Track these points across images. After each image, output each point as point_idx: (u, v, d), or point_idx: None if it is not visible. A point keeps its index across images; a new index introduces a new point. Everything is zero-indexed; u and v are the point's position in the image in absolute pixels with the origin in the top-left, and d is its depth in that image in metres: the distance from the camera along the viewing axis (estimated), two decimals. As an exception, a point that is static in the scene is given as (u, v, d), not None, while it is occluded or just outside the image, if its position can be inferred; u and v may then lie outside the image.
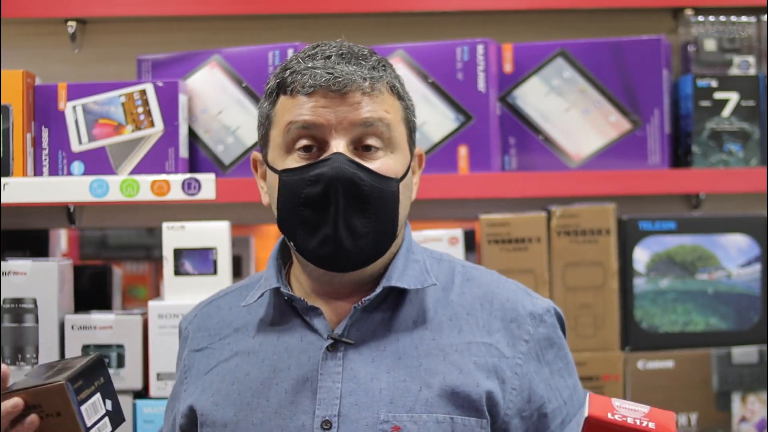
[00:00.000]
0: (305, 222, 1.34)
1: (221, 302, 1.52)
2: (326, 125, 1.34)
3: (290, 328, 1.42)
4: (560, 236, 1.90)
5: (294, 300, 1.41)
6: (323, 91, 1.34)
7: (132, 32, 2.12)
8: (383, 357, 1.37)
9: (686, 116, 2.00)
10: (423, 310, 1.42)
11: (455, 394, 1.35)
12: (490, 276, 1.50)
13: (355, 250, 1.34)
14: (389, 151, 1.37)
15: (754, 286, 1.94)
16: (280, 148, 1.38)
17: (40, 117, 1.89)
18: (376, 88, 1.36)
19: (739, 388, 1.92)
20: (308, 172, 1.33)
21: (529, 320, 1.43)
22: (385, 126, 1.36)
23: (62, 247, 2.42)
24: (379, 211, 1.34)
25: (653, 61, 1.95)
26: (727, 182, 1.96)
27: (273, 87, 1.40)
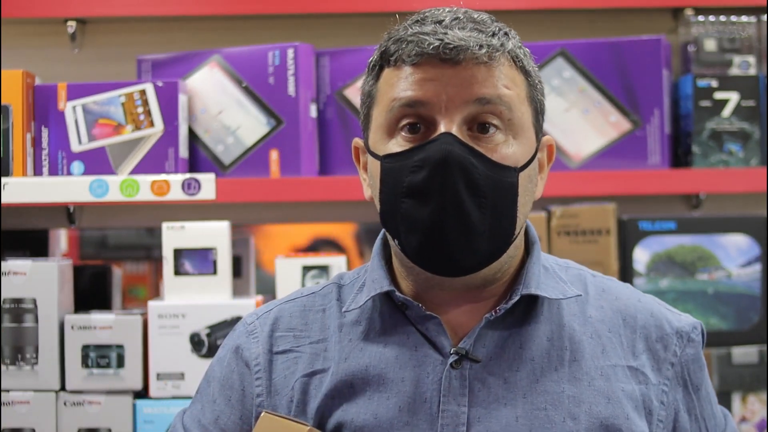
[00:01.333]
0: (408, 216, 1.14)
1: (309, 302, 1.31)
2: (435, 102, 1.13)
3: (400, 337, 1.21)
4: (560, 236, 1.90)
5: (409, 306, 1.20)
6: (432, 61, 1.13)
7: (132, 32, 2.12)
8: (517, 379, 1.18)
9: (686, 116, 2.00)
10: (559, 325, 1.21)
11: (604, 427, 1.17)
12: (628, 288, 1.31)
13: (466, 250, 1.14)
14: (510, 134, 1.16)
15: (754, 286, 1.94)
16: (382, 129, 1.18)
17: (39, 117, 1.89)
18: (494, 57, 1.14)
19: (739, 389, 1.92)
20: (412, 157, 1.14)
21: (676, 339, 1.24)
22: (506, 105, 1.15)
23: (62, 247, 2.42)
24: (495, 205, 1.14)
25: (653, 61, 1.95)
26: (727, 182, 1.96)
27: (376, 59, 1.20)
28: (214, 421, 1.27)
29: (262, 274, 2.55)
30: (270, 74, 1.94)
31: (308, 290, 1.33)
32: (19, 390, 1.80)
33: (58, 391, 1.81)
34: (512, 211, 1.16)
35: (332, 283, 1.32)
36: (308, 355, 1.24)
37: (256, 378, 1.25)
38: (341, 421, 1.19)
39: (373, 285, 1.23)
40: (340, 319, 1.26)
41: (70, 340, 1.80)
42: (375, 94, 1.20)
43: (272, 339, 1.27)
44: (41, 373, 1.79)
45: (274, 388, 1.24)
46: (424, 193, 1.13)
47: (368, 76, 1.22)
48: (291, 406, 1.22)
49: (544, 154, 1.25)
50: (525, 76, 1.20)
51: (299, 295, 1.33)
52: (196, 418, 1.29)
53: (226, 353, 1.30)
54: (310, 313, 1.29)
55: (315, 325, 1.27)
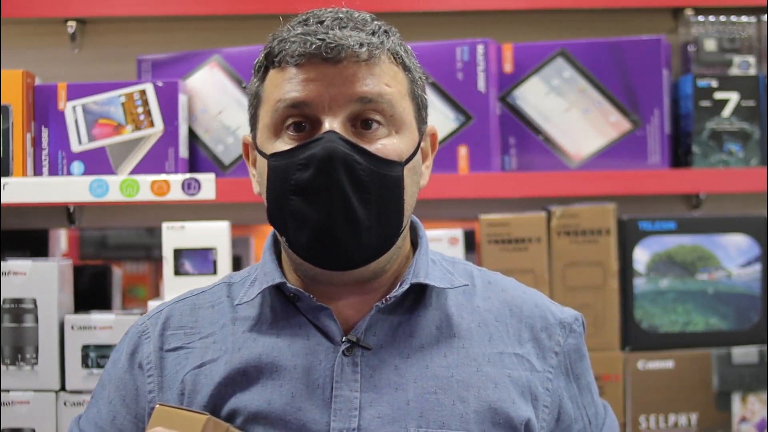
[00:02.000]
0: (296, 213, 1.17)
1: (198, 300, 1.34)
2: (318, 102, 1.17)
3: (293, 327, 1.25)
4: (560, 236, 1.90)
5: (300, 298, 1.24)
6: (315, 61, 1.17)
7: (132, 32, 2.12)
8: (408, 365, 1.22)
9: (686, 116, 2.00)
10: (447, 314, 1.26)
11: (493, 410, 1.21)
12: (513, 281, 1.36)
13: (355, 245, 1.17)
14: (392, 129, 1.20)
15: (754, 286, 1.94)
16: (268, 129, 1.22)
17: (39, 117, 1.89)
18: (374, 55, 1.18)
19: (740, 389, 1.91)
20: (298, 155, 1.17)
21: (560, 329, 1.30)
22: (387, 102, 1.19)
23: (62, 247, 2.42)
24: (380, 199, 1.17)
25: (653, 61, 1.95)
26: (727, 182, 1.96)
27: (261, 60, 1.24)
28: (110, 422, 1.30)
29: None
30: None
31: (198, 290, 1.36)
32: (19, 390, 1.80)
33: (58, 391, 1.80)
34: (398, 205, 1.19)
35: (222, 283, 1.36)
36: (199, 349, 1.27)
37: (149, 376, 1.28)
38: (235, 408, 1.21)
39: (265, 278, 1.26)
40: (232, 314, 1.29)
41: (70, 340, 1.80)
42: (261, 94, 1.23)
43: (163, 338, 1.30)
44: (41, 373, 1.79)
45: (165, 384, 1.27)
46: (311, 191, 1.16)
47: (254, 77, 1.25)
48: (182, 399, 1.25)
49: (427, 143, 1.29)
50: (406, 73, 1.23)
51: (189, 294, 1.36)
52: (92, 420, 1.32)
53: (120, 356, 1.33)
54: (200, 310, 1.31)
55: (205, 321, 1.30)
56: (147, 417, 1.27)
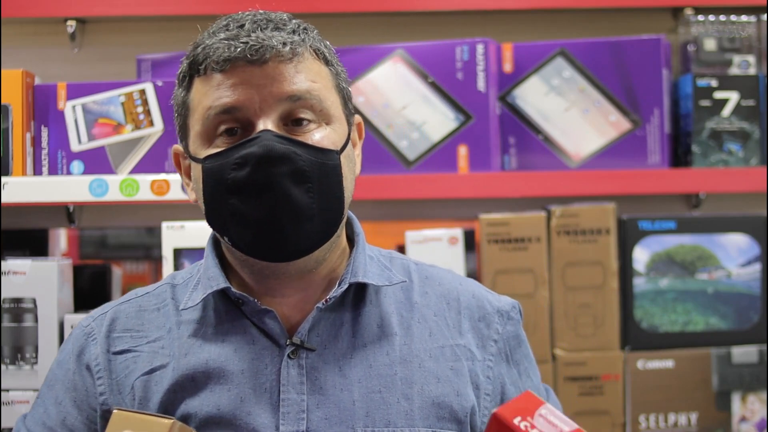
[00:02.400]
0: (236, 212, 1.18)
1: (144, 302, 1.33)
2: (249, 105, 1.18)
3: (237, 331, 1.25)
4: (560, 236, 1.90)
5: (245, 302, 1.24)
6: (240, 64, 1.18)
7: (131, 32, 2.12)
8: (352, 365, 1.23)
9: (686, 116, 2.00)
10: (386, 312, 1.28)
11: (436, 405, 1.24)
12: (449, 273, 1.38)
13: (300, 234, 1.18)
14: (323, 122, 1.22)
15: (754, 286, 1.94)
16: (200, 137, 1.22)
17: (39, 116, 1.89)
18: (298, 53, 1.20)
19: (739, 388, 1.92)
20: (233, 155, 1.17)
21: (497, 318, 1.32)
22: (315, 98, 1.20)
23: (62, 246, 2.42)
24: (322, 187, 1.19)
25: (653, 61, 1.95)
26: (727, 182, 1.96)
27: (185, 69, 1.24)
28: (61, 423, 1.29)
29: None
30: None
31: (142, 291, 1.36)
32: (18, 389, 1.79)
33: (57, 390, 1.80)
34: (339, 191, 1.21)
35: (165, 283, 1.35)
36: (147, 354, 1.27)
37: (98, 378, 1.27)
38: (185, 413, 1.22)
39: (209, 283, 1.26)
40: (177, 317, 1.28)
41: (70, 339, 1.80)
42: (189, 103, 1.24)
43: (109, 340, 1.29)
44: (41, 373, 1.79)
45: (116, 387, 1.27)
46: (251, 189, 1.16)
47: (179, 87, 1.26)
48: (134, 404, 1.25)
49: (355, 132, 1.31)
50: (329, 67, 1.25)
51: (134, 296, 1.35)
52: (40, 420, 1.30)
53: (66, 356, 1.32)
54: (146, 313, 1.31)
55: (151, 325, 1.30)
56: (99, 419, 1.27)
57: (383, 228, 1.93)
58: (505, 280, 1.87)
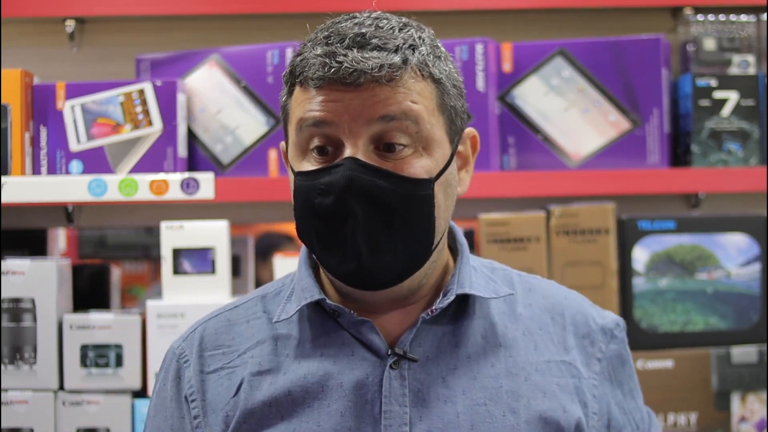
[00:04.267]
0: (322, 236, 1.16)
1: (233, 316, 1.30)
2: (338, 122, 1.14)
3: (335, 343, 1.21)
4: (559, 236, 1.89)
5: (341, 313, 1.20)
6: (334, 84, 1.14)
7: (130, 31, 2.11)
8: (456, 377, 1.19)
9: (685, 115, 1.99)
10: (491, 323, 1.24)
11: (543, 420, 1.19)
12: (553, 286, 1.34)
13: (381, 267, 1.15)
14: (419, 147, 1.16)
15: (754, 286, 1.94)
16: (296, 146, 1.19)
17: (38, 116, 1.89)
18: (395, 77, 1.13)
19: (739, 388, 1.91)
20: (318, 179, 1.15)
21: (601, 336, 1.28)
22: (412, 119, 1.14)
23: (61, 246, 2.41)
24: (407, 220, 1.15)
25: (653, 61, 1.95)
26: (727, 182, 1.96)
27: (287, 75, 1.21)
28: None
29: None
30: (269, 73, 1.94)
31: (231, 305, 1.33)
32: (17, 389, 1.79)
33: (56, 390, 1.80)
34: (429, 223, 1.16)
35: (255, 296, 1.32)
36: (239, 368, 1.23)
37: (192, 401, 1.25)
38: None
39: (303, 294, 1.23)
40: (271, 331, 1.25)
41: (69, 339, 1.80)
42: (289, 110, 1.21)
43: (202, 360, 1.26)
44: (40, 373, 1.79)
45: (209, 407, 1.23)
46: (332, 218, 1.14)
47: (284, 88, 1.22)
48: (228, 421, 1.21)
49: (467, 146, 1.25)
50: (435, 85, 1.18)
51: (222, 310, 1.32)
52: None
53: (164, 384, 1.29)
54: (236, 326, 1.28)
55: (241, 338, 1.26)
56: None
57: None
58: (504, 280, 1.87)
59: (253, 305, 1.30)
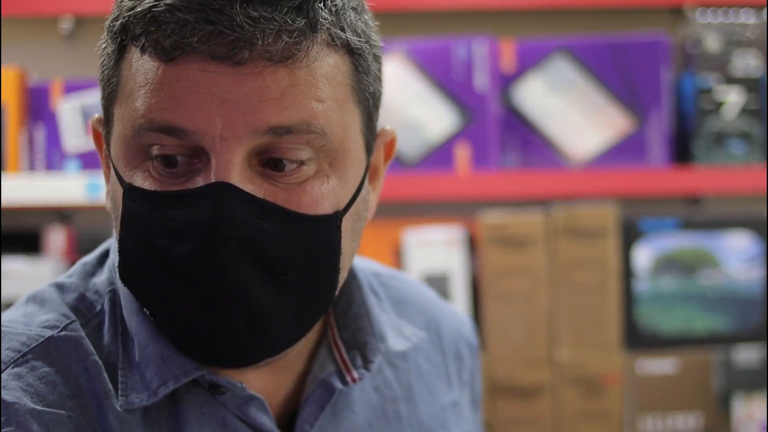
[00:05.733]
0: (164, 296, 0.76)
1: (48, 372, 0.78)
2: (206, 130, 0.73)
3: (208, 424, 0.80)
4: (560, 236, 1.88)
5: (228, 389, 0.81)
6: (198, 58, 0.72)
7: (128, 30, 2.10)
8: None
9: (687, 115, 1.98)
10: (379, 368, 0.90)
11: None
12: (416, 289, 1.01)
13: (259, 344, 0.77)
14: (324, 161, 0.77)
15: (756, 287, 1.93)
16: (126, 145, 0.77)
17: (34, 115, 1.88)
18: (298, 51, 0.73)
19: (741, 390, 1.91)
20: (168, 210, 0.74)
21: (467, 351, 1.00)
22: (317, 130, 0.75)
23: (57, 247, 2.40)
24: (303, 278, 0.77)
25: (655, 60, 1.94)
26: (729, 182, 1.95)
27: (117, 26, 0.77)
28: None
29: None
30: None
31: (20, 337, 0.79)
32: (13, 392, 1.78)
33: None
34: (331, 278, 0.79)
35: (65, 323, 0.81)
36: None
37: None
38: None
39: (165, 367, 0.79)
40: (88, 380, 0.78)
41: (65, 341, 1.79)
42: (117, 84, 0.78)
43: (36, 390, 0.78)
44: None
45: None
46: (190, 275, 0.74)
47: (108, 39, 0.80)
48: None
49: (380, 154, 0.88)
50: (351, 59, 0.78)
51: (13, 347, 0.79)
52: None
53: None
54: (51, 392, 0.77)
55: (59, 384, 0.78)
56: None
57: (379, 229, 1.91)
58: (505, 281, 1.86)
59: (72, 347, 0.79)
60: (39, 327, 0.80)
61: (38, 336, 0.79)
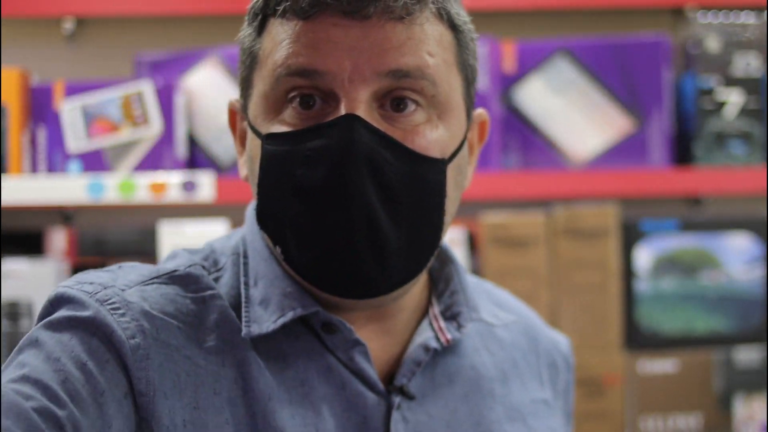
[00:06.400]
0: (299, 222, 0.86)
1: (169, 292, 0.90)
2: (336, 72, 0.85)
3: (320, 370, 0.90)
4: (561, 237, 1.89)
5: (336, 330, 0.90)
6: (331, 14, 0.85)
7: (130, 31, 2.10)
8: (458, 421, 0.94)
9: (688, 116, 1.99)
10: (476, 350, 1.00)
11: None
12: (512, 298, 1.12)
13: (379, 270, 0.86)
14: (433, 114, 0.88)
15: (757, 288, 1.93)
16: (265, 99, 0.89)
17: (36, 116, 1.88)
18: (414, 11, 0.86)
19: (742, 390, 1.91)
20: (305, 142, 0.85)
21: (564, 365, 1.09)
22: (429, 78, 0.86)
23: (59, 247, 2.40)
24: (415, 211, 0.87)
25: (655, 61, 1.94)
26: (730, 182, 1.95)
27: (258, 6, 0.91)
28: None
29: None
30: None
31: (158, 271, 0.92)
32: (15, 392, 1.78)
33: (55, 393, 1.79)
34: (438, 217, 0.89)
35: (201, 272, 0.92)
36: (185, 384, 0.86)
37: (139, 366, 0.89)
38: None
39: (287, 301, 0.90)
40: (211, 328, 0.89)
41: (68, 341, 1.79)
42: (258, 52, 0.91)
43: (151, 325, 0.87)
44: (38, 375, 1.78)
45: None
46: (322, 197, 0.84)
47: (248, 25, 0.93)
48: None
49: (474, 132, 0.98)
50: (454, 33, 0.90)
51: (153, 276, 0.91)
52: None
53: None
54: (174, 305, 0.89)
55: (184, 326, 0.88)
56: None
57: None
58: (506, 281, 1.86)
59: (192, 284, 0.91)
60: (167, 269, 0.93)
61: (165, 270, 0.92)
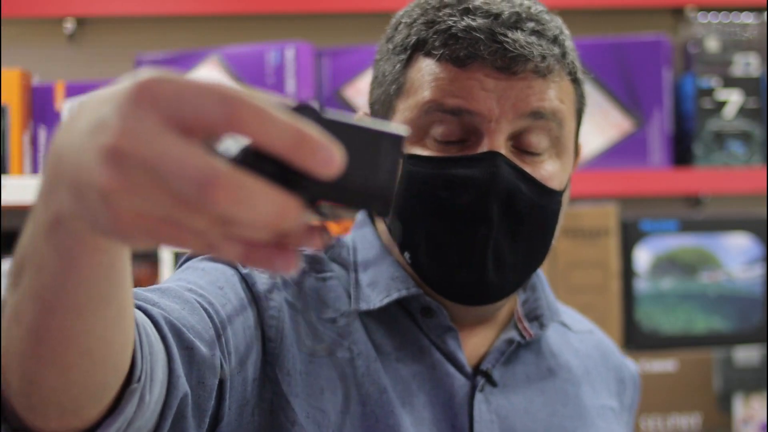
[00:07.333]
0: (434, 237, 0.97)
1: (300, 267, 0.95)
2: (485, 114, 0.95)
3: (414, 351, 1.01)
4: (561, 236, 1.89)
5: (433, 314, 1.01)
6: (483, 66, 0.95)
7: (131, 31, 2.11)
8: (535, 410, 1.03)
9: (688, 116, 1.99)
10: (553, 354, 1.09)
11: None
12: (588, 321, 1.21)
13: (499, 282, 0.97)
14: (554, 152, 0.99)
15: (756, 288, 1.93)
16: (410, 125, 0.98)
17: (37, 117, 1.88)
18: (555, 70, 0.97)
19: (741, 390, 1.91)
20: (451, 169, 0.95)
21: (631, 384, 1.18)
22: (557, 121, 0.98)
23: (60, 247, 2.41)
24: (533, 233, 0.98)
25: (655, 61, 1.94)
26: (729, 182, 1.95)
27: (409, 42, 0.99)
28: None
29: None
30: (269, 74, 1.93)
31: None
32: (16, 391, 1.78)
33: (55, 392, 1.79)
34: (549, 239, 1.01)
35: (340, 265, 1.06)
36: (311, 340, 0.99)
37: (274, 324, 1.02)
38: None
39: (393, 284, 1.01)
40: (342, 300, 1.02)
41: (68, 341, 1.79)
42: (403, 82, 0.99)
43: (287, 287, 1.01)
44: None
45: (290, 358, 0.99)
46: (461, 219, 0.95)
47: (393, 55, 1.01)
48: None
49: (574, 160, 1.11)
50: (574, 86, 1.02)
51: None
52: None
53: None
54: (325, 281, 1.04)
55: (321, 293, 1.02)
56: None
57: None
58: (505, 281, 1.87)
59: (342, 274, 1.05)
60: None
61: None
